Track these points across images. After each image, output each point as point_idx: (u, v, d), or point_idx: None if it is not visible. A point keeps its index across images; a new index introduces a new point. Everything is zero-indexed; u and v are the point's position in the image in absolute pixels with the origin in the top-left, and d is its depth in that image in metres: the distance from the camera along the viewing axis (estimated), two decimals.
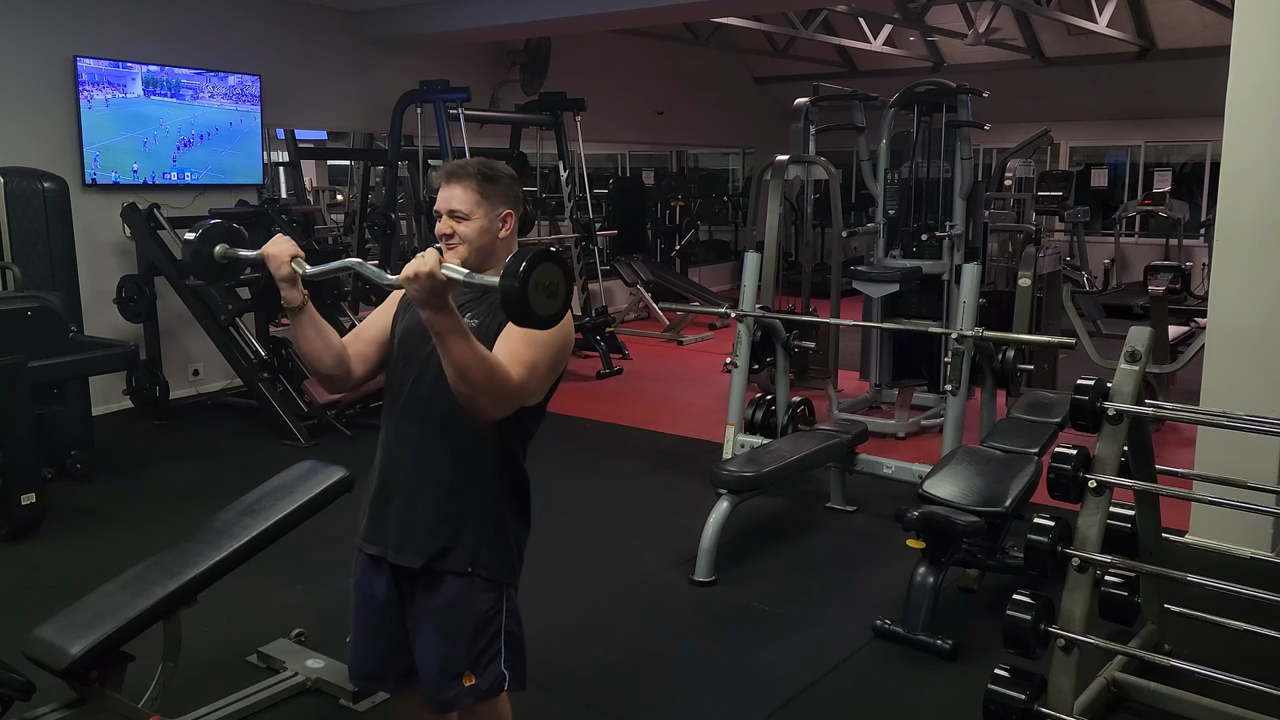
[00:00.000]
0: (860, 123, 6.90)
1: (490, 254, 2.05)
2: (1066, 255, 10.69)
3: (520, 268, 1.66)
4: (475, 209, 2.02)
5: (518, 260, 1.67)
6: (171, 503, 4.92)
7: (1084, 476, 2.73)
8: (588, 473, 5.50)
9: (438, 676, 2.04)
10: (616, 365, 8.22)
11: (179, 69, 6.91)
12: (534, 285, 1.66)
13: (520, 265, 1.66)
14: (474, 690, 2.03)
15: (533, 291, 1.66)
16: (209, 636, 3.37)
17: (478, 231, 2.02)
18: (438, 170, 2.07)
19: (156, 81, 6.81)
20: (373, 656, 2.17)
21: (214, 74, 7.11)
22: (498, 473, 2.05)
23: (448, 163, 2.12)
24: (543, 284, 1.68)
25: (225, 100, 7.21)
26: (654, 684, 3.23)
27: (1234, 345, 4.17)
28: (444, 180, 2.06)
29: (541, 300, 1.68)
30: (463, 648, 2.03)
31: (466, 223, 2.02)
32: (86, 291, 5.91)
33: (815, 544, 4.47)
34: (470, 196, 2.02)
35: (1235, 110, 4.11)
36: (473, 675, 2.03)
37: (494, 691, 2.06)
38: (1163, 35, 11.01)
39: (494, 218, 2.04)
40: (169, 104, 6.89)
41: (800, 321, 5.55)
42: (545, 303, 1.69)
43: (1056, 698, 2.66)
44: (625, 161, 13.32)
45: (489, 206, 2.04)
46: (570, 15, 7.22)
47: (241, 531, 2.76)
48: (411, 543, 2.03)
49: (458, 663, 2.03)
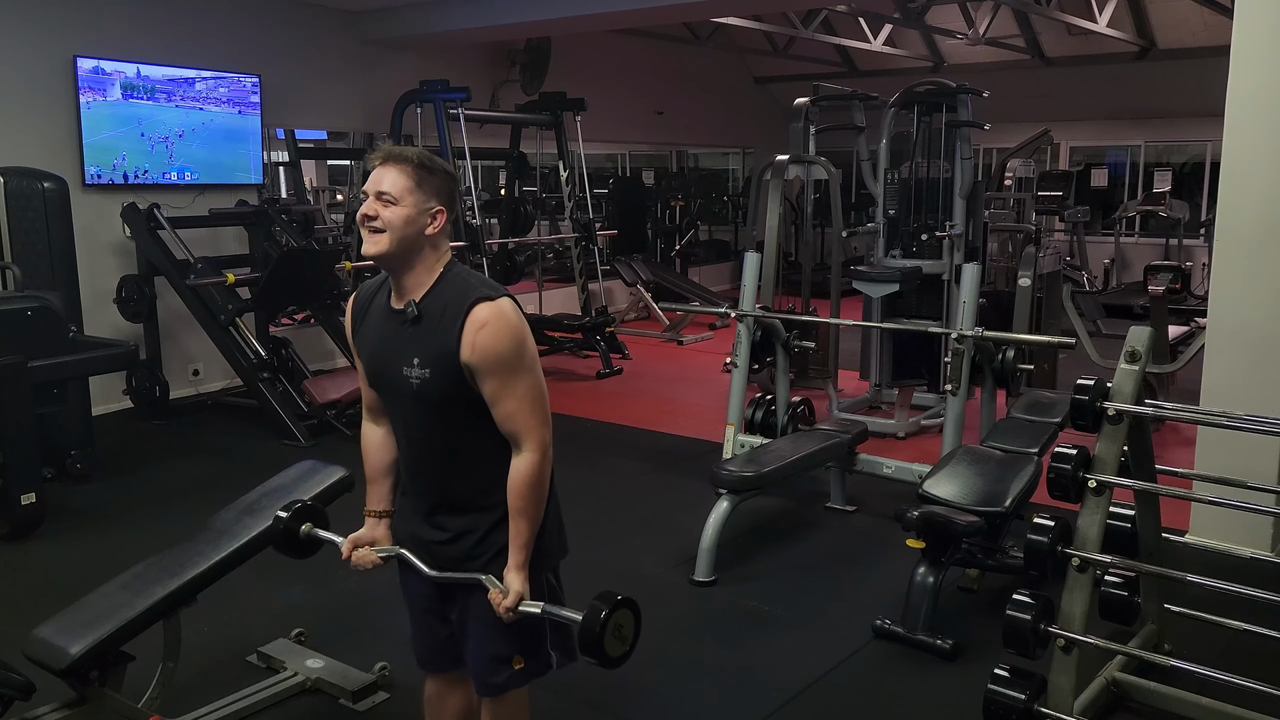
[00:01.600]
0: (860, 123, 6.90)
1: (413, 248, 1.96)
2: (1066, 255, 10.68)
3: (601, 614, 1.86)
4: (406, 195, 1.93)
5: (603, 602, 1.87)
6: (171, 503, 4.92)
7: (1084, 476, 2.73)
8: (588, 473, 5.50)
9: (490, 662, 2.10)
10: (616, 365, 8.22)
11: (179, 69, 6.91)
12: (609, 637, 1.87)
13: (601, 613, 1.86)
14: (524, 672, 2.11)
15: (609, 640, 1.87)
16: (209, 636, 3.37)
17: (403, 220, 1.93)
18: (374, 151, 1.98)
19: (156, 81, 6.81)
20: (425, 645, 2.25)
21: (214, 74, 7.11)
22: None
23: (386, 144, 2.02)
24: (616, 629, 1.88)
25: (225, 100, 7.21)
26: (654, 684, 3.23)
27: (1234, 345, 4.17)
28: (379, 160, 1.96)
29: (614, 644, 1.89)
30: (511, 636, 2.07)
31: (393, 208, 1.92)
32: (86, 291, 5.91)
33: (815, 544, 4.47)
34: (404, 182, 1.93)
35: (1235, 110, 4.10)
36: (522, 659, 2.10)
37: (543, 670, 2.14)
38: (1163, 35, 11.01)
39: (423, 210, 1.95)
40: (169, 104, 6.89)
41: (800, 321, 5.54)
42: (615, 645, 1.90)
43: (1056, 698, 2.66)
44: (625, 161, 13.33)
45: (421, 197, 1.95)
46: (570, 15, 7.22)
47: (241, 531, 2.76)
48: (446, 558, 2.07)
49: (508, 650, 2.08)
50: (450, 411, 1.99)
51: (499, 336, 1.91)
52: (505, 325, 1.93)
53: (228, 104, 7.23)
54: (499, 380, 1.93)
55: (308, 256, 6.80)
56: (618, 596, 1.90)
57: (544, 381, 2.02)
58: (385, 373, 2.04)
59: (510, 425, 1.96)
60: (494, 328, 1.91)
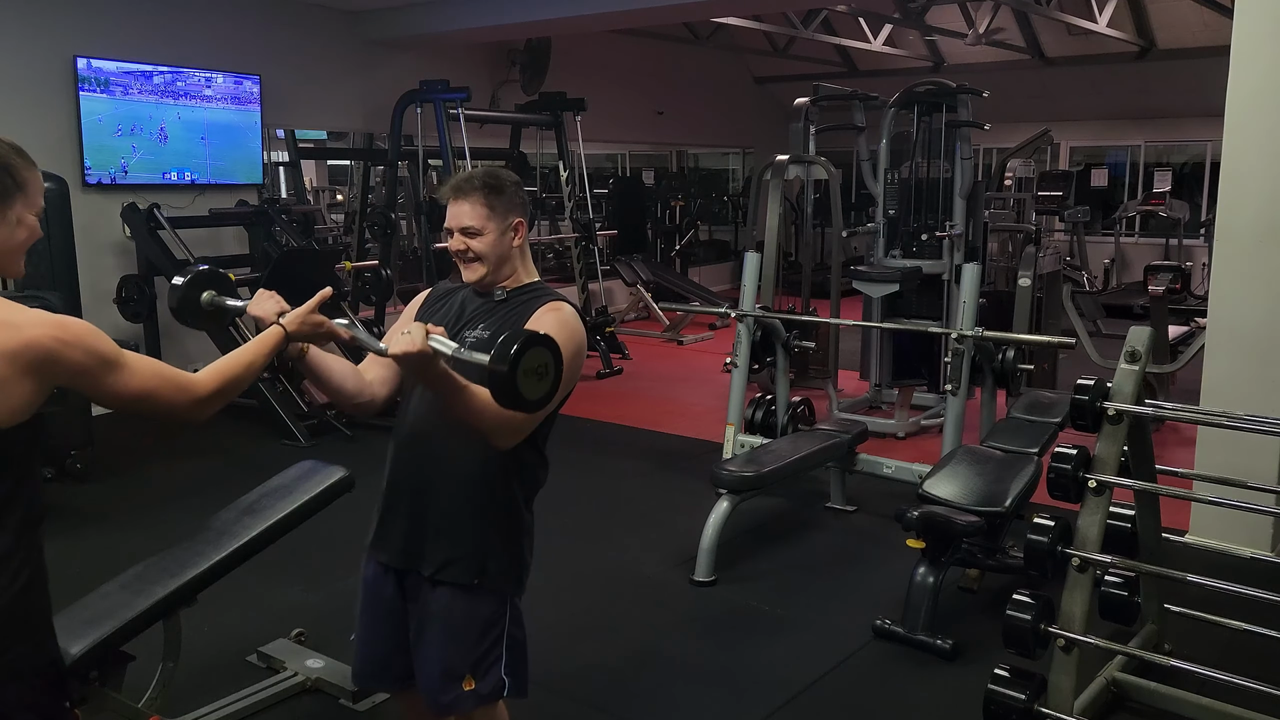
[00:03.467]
0: (860, 123, 6.90)
1: (506, 263, 2.06)
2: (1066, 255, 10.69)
3: (510, 351, 1.64)
4: (486, 223, 2.02)
5: (506, 344, 1.66)
6: (171, 503, 4.92)
7: (1084, 476, 2.73)
8: (588, 473, 5.50)
9: (439, 678, 2.05)
10: (616, 365, 8.22)
11: (179, 69, 6.92)
12: (523, 372, 1.65)
13: (510, 349, 1.64)
14: (474, 694, 2.03)
15: (522, 377, 1.66)
16: (209, 636, 3.37)
17: (492, 245, 2.02)
18: (442, 185, 2.06)
19: (156, 81, 6.81)
20: (376, 656, 2.17)
21: (214, 74, 7.11)
22: (506, 484, 2.05)
23: (452, 177, 2.11)
24: (532, 369, 1.67)
25: (225, 100, 7.21)
26: (654, 684, 3.23)
27: (1234, 345, 4.17)
28: (451, 196, 2.04)
29: (531, 384, 1.68)
30: (464, 652, 2.03)
31: (480, 238, 2.02)
32: (86, 291, 5.90)
33: (815, 544, 4.47)
34: (480, 211, 2.01)
35: (1235, 110, 4.10)
36: (473, 679, 2.03)
37: (494, 696, 2.06)
38: (1163, 35, 11.01)
39: (505, 229, 2.04)
40: (169, 104, 6.89)
41: (800, 321, 5.55)
42: (534, 386, 1.68)
43: (1056, 698, 2.66)
44: (625, 161, 13.33)
45: (499, 218, 2.03)
46: (570, 15, 7.22)
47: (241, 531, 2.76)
48: (420, 552, 2.04)
49: (459, 666, 2.03)
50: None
51: (562, 326, 1.96)
52: (572, 322, 2.02)
53: (228, 104, 7.23)
54: None
55: (308, 256, 6.80)
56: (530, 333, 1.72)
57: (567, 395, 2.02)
58: None
59: None
60: (562, 317, 2.00)
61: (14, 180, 1.56)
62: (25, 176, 1.58)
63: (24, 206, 1.59)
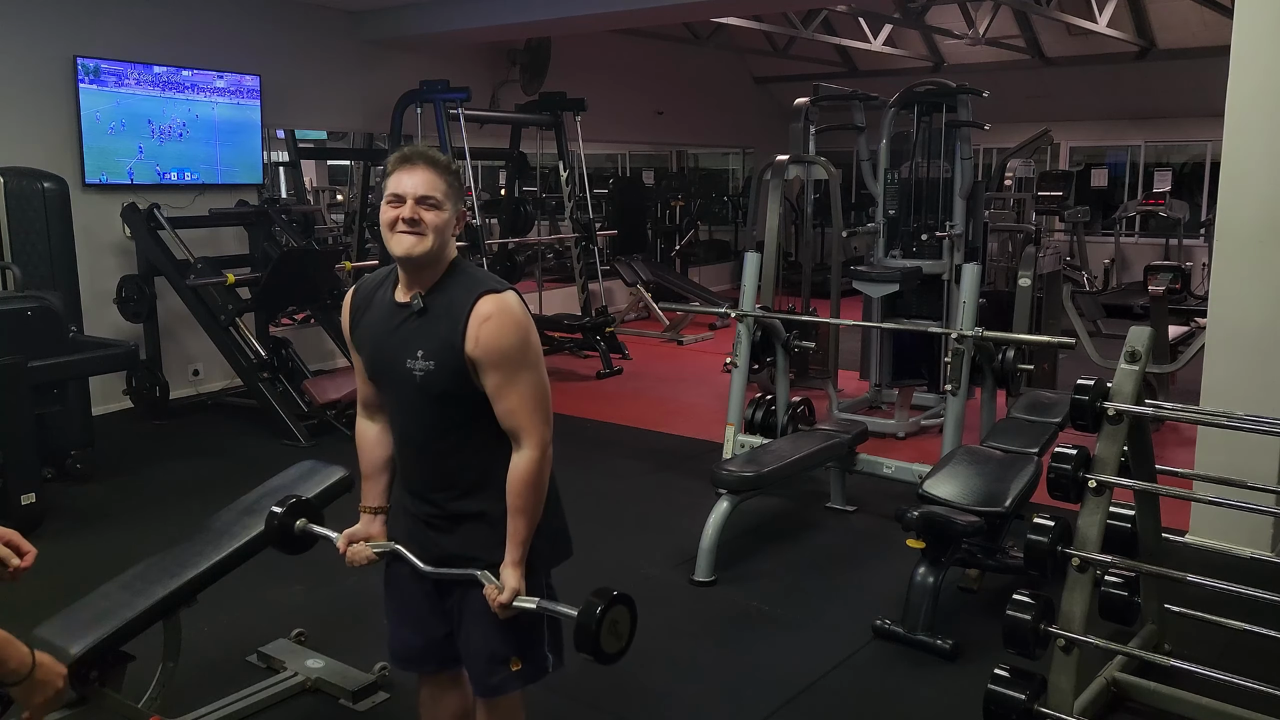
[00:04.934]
0: (860, 123, 6.90)
1: (444, 247, 1.95)
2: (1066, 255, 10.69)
3: (597, 610, 1.86)
4: (445, 200, 1.92)
5: (599, 598, 1.87)
6: (171, 503, 4.92)
7: (1084, 476, 2.73)
8: (588, 473, 5.50)
9: (486, 662, 2.07)
10: (616, 365, 8.22)
11: (179, 69, 6.91)
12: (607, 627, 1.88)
13: (597, 609, 1.86)
14: (521, 674, 2.07)
15: (605, 634, 1.88)
16: (209, 636, 3.37)
17: (445, 223, 1.92)
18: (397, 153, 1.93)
19: (156, 81, 6.80)
20: (415, 640, 2.18)
21: (214, 74, 7.11)
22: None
23: (410, 146, 1.96)
24: (614, 624, 1.89)
25: (225, 100, 7.21)
26: (654, 684, 3.23)
27: (1234, 345, 4.17)
28: (413, 163, 1.91)
29: (610, 640, 1.89)
30: (508, 636, 2.04)
31: (437, 212, 1.90)
32: (86, 291, 5.91)
33: (815, 544, 4.47)
34: (441, 185, 1.91)
35: (1235, 110, 4.11)
36: (519, 660, 2.06)
37: (540, 674, 2.10)
38: (1163, 35, 11.00)
39: (455, 211, 1.95)
40: (169, 104, 6.89)
41: (800, 321, 5.54)
42: (611, 642, 1.90)
43: (1056, 698, 2.66)
44: (625, 161, 13.33)
45: (455, 200, 1.95)
46: (570, 15, 7.21)
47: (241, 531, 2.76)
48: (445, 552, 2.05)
49: (504, 650, 2.05)
50: (453, 405, 1.96)
51: (503, 330, 1.90)
52: (510, 319, 1.91)
53: (228, 104, 7.23)
54: (502, 375, 1.91)
55: (307, 256, 6.80)
56: (614, 593, 1.90)
57: (547, 379, 2.01)
58: (388, 367, 2.00)
59: (511, 421, 1.95)
60: (498, 321, 1.90)
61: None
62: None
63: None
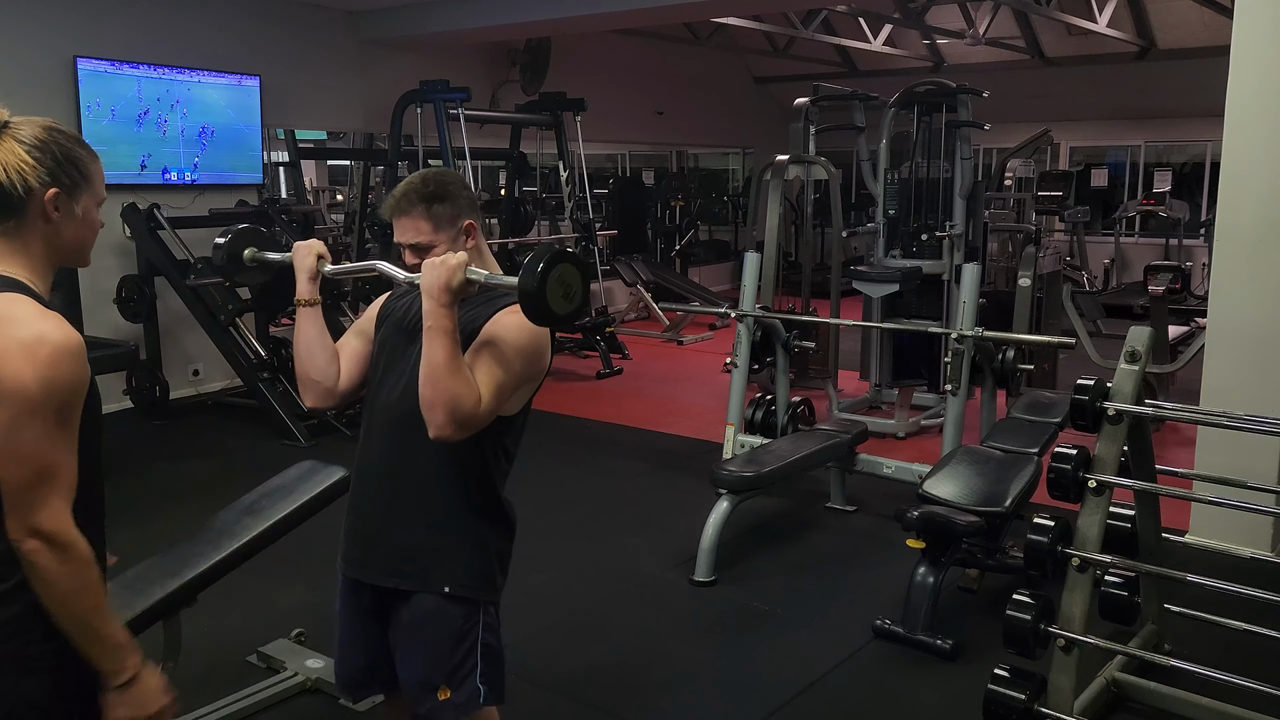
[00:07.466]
0: (860, 123, 6.90)
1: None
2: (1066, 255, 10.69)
3: (539, 268, 1.71)
4: (435, 236, 1.93)
5: (536, 260, 1.72)
6: (171, 503, 4.92)
7: (1084, 476, 2.73)
8: (588, 473, 5.50)
9: (416, 689, 2.03)
10: (616, 365, 8.22)
11: (179, 69, 6.91)
12: (552, 285, 1.72)
13: (539, 265, 1.71)
14: (449, 704, 2.00)
15: (551, 292, 1.73)
16: (209, 636, 3.36)
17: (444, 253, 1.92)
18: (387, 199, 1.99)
19: (156, 81, 6.80)
20: (357, 664, 2.16)
21: (214, 74, 7.11)
22: (474, 488, 1.99)
23: (390, 194, 1.99)
24: (561, 283, 1.74)
25: (225, 100, 7.21)
26: (654, 684, 3.23)
27: (1234, 345, 4.17)
28: (397, 213, 1.95)
29: (559, 300, 1.75)
30: (438, 663, 2.00)
31: (433, 249, 1.92)
32: (86, 291, 5.91)
33: (815, 544, 4.47)
34: (424, 225, 1.93)
35: (1235, 110, 4.11)
36: (448, 689, 1.99)
37: (470, 706, 2.02)
38: (1163, 35, 11.01)
39: (456, 234, 1.96)
40: (169, 104, 6.89)
41: (800, 321, 5.54)
42: (562, 302, 1.76)
43: (1056, 698, 2.66)
44: (625, 161, 13.32)
45: (449, 226, 1.95)
46: (570, 15, 7.22)
47: (241, 531, 2.76)
48: (386, 564, 2.02)
49: (433, 678, 2.00)
50: None
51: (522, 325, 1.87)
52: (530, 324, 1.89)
53: (228, 105, 7.23)
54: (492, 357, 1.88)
55: None
56: (556, 248, 1.79)
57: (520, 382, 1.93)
58: (398, 363, 1.99)
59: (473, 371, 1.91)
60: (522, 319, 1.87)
61: (80, 173, 1.56)
62: (91, 169, 1.57)
63: (90, 199, 1.58)
